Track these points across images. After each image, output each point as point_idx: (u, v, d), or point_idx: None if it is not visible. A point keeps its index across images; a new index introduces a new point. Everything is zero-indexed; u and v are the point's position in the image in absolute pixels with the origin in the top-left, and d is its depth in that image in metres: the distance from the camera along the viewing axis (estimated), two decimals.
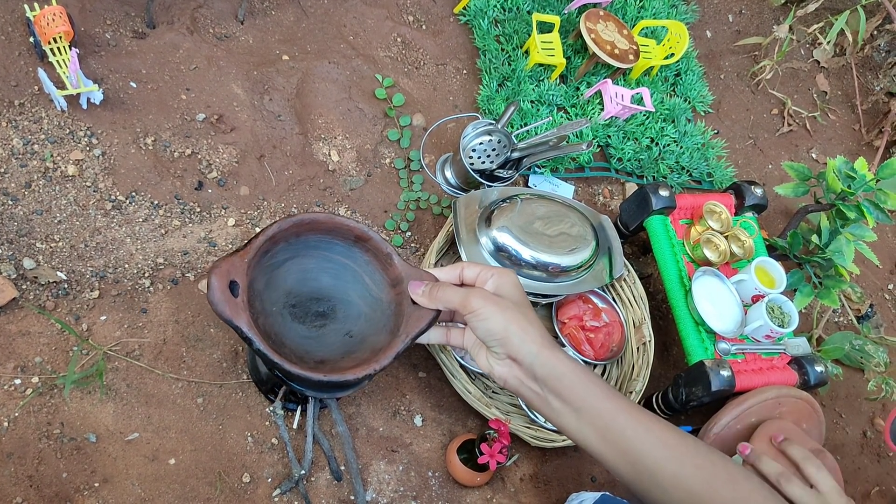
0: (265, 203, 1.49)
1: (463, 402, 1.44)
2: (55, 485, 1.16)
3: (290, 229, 1.04)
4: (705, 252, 1.55)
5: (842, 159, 1.68)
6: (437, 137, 1.70)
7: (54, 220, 1.32)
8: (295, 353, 1.03)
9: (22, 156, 1.33)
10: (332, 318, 1.11)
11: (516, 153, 1.61)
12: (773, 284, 1.56)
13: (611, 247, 1.57)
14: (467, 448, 1.37)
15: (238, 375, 1.33)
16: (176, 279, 1.36)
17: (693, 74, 2.03)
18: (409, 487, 1.37)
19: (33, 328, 1.24)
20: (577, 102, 1.84)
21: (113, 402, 1.24)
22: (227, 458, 1.27)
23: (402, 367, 1.46)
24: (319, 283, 1.12)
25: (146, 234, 1.37)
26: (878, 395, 1.72)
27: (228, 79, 1.56)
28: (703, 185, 1.91)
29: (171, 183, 1.43)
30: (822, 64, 2.37)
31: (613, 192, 1.84)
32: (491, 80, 1.77)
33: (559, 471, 1.49)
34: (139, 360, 1.28)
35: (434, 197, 1.63)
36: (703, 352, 1.47)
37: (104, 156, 1.39)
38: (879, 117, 2.29)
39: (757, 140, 2.12)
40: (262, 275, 1.04)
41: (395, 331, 1.03)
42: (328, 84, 1.64)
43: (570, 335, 1.57)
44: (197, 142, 1.48)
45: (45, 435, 1.18)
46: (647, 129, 1.86)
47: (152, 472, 1.22)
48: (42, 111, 1.38)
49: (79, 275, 1.30)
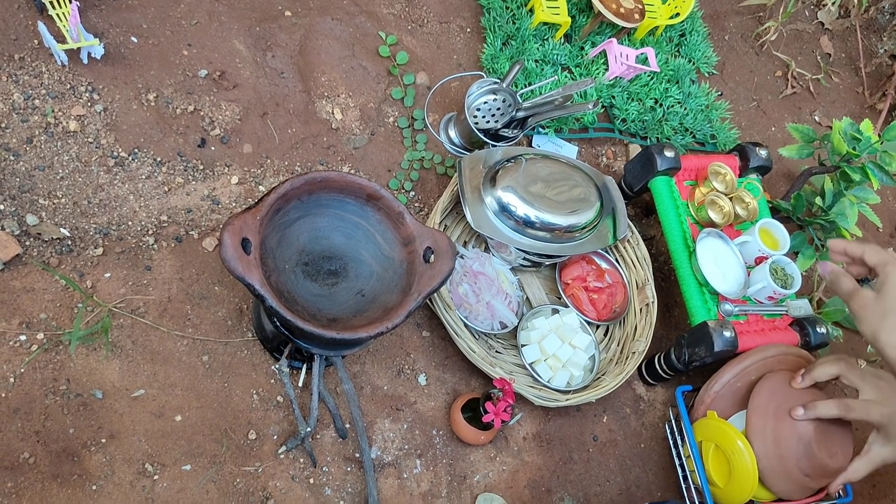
0: (268, 161, 1.47)
1: (467, 362, 1.44)
2: (62, 440, 1.16)
3: (303, 187, 1.04)
4: (710, 213, 1.55)
5: (848, 121, 1.67)
6: (440, 96, 1.69)
7: (56, 177, 1.30)
8: (307, 311, 1.02)
9: (23, 111, 1.31)
10: (344, 277, 1.11)
11: (521, 112, 1.59)
12: (777, 246, 1.56)
13: (615, 208, 1.56)
14: (471, 407, 1.38)
15: (243, 333, 1.33)
16: (180, 237, 1.35)
17: (698, 35, 2.01)
18: (413, 445, 1.38)
19: (37, 284, 1.23)
20: (582, 62, 1.82)
21: (118, 358, 1.24)
22: (233, 415, 1.27)
23: (407, 326, 1.46)
24: (331, 241, 1.11)
25: (149, 192, 1.36)
26: (877, 357, 1.74)
27: (230, 34, 1.54)
28: (706, 146, 1.91)
29: (173, 140, 1.41)
30: (826, 26, 2.35)
31: (617, 153, 1.83)
32: (495, 38, 1.74)
33: (562, 430, 1.50)
34: (144, 317, 1.28)
35: (438, 156, 1.61)
36: (706, 313, 1.47)
37: (106, 111, 1.37)
38: (883, 80, 2.28)
39: (760, 102, 2.11)
40: (274, 232, 1.03)
41: (407, 289, 1.03)
42: (331, 41, 1.62)
43: (574, 296, 1.57)
44: (199, 98, 1.46)
45: (51, 391, 1.18)
46: (652, 89, 1.85)
47: (159, 428, 1.22)
48: (42, 66, 1.35)
49: (82, 231, 1.29)
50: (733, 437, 1.36)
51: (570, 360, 1.47)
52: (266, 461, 1.26)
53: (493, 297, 1.48)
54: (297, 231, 1.08)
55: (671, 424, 1.52)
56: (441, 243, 1.11)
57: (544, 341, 1.47)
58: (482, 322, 1.47)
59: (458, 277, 1.48)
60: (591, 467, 1.50)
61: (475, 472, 1.40)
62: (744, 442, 1.35)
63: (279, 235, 1.05)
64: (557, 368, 1.46)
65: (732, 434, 1.36)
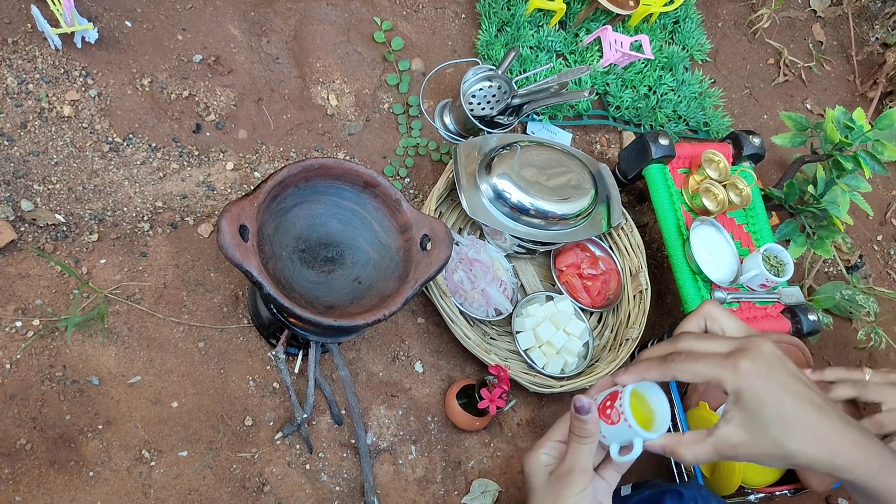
0: (264, 147, 1.47)
1: (462, 348, 1.45)
2: (58, 426, 1.16)
3: (300, 174, 1.03)
4: (704, 201, 1.56)
5: (841, 109, 1.68)
6: (435, 83, 1.68)
7: (51, 162, 1.30)
8: (304, 298, 1.03)
9: (16, 95, 1.31)
10: (341, 264, 1.11)
11: (517, 100, 1.60)
12: (650, 423, 0.84)
13: (609, 195, 1.57)
14: (466, 393, 1.39)
15: (239, 320, 1.33)
16: (175, 223, 1.35)
17: (691, 22, 2.01)
18: (408, 432, 1.38)
19: (33, 271, 1.23)
20: (577, 49, 1.82)
21: (114, 345, 1.24)
22: (230, 401, 1.28)
23: (402, 312, 1.47)
24: (328, 228, 1.11)
25: (144, 177, 1.35)
26: (867, 343, 1.76)
27: (225, 19, 1.53)
28: (699, 134, 1.91)
29: (168, 125, 1.40)
30: (818, 13, 2.35)
31: (611, 141, 1.83)
32: (490, 24, 1.74)
33: (556, 416, 1.51)
34: (140, 303, 1.27)
35: (433, 143, 1.61)
36: (699, 300, 1.48)
37: (100, 96, 1.36)
38: (874, 68, 2.29)
39: (753, 90, 2.12)
40: (271, 219, 1.03)
41: (404, 277, 1.03)
42: (326, 26, 1.61)
43: (568, 283, 1.58)
44: (194, 84, 1.45)
45: (47, 377, 1.18)
46: (646, 77, 1.85)
47: (155, 414, 1.22)
48: (36, 49, 1.34)
49: (77, 217, 1.28)
50: None
51: (564, 347, 1.48)
52: (262, 447, 1.27)
53: (488, 284, 1.48)
54: (294, 218, 1.08)
55: None
56: (438, 231, 1.11)
57: (539, 328, 1.47)
58: (477, 309, 1.48)
59: (453, 264, 1.48)
60: None
61: (470, 458, 1.41)
62: None
63: (276, 222, 1.05)
64: (552, 355, 1.47)
65: None
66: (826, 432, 0.71)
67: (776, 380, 0.71)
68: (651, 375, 0.77)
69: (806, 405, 0.71)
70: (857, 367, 1.20)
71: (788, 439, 0.71)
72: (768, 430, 0.71)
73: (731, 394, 0.72)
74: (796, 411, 0.71)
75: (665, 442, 0.76)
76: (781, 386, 0.71)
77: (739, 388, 0.71)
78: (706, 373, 0.73)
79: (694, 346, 0.77)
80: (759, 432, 0.71)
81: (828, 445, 0.71)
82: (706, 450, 0.74)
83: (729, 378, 0.71)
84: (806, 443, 0.71)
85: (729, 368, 0.71)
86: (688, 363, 0.74)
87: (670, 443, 0.76)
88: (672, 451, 0.76)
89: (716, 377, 0.72)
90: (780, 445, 0.71)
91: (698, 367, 0.73)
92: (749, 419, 0.71)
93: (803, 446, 0.71)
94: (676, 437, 0.76)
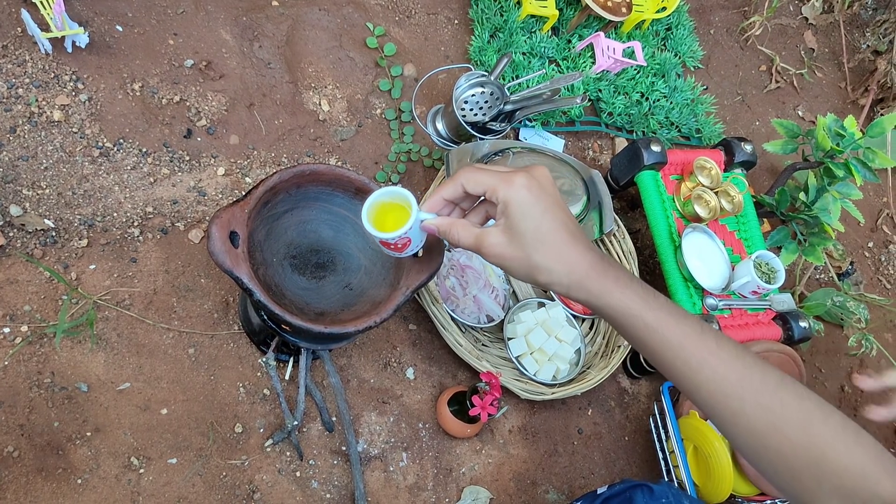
0: (255, 152, 1.46)
1: (453, 355, 1.44)
2: (47, 434, 1.15)
3: (291, 180, 1.03)
4: (696, 208, 1.56)
5: (832, 117, 1.68)
6: (428, 88, 1.68)
7: (40, 167, 1.29)
8: (295, 305, 1.02)
9: (6, 100, 1.30)
10: (332, 270, 1.10)
11: (509, 106, 1.59)
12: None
13: (601, 201, 1.57)
14: (458, 400, 1.38)
15: (229, 326, 1.32)
16: (165, 228, 1.34)
17: (684, 29, 2.01)
18: (399, 438, 1.38)
19: (21, 276, 1.22)
20: (569, 55, 1.82)
21: (104, 351, 1.23)
22: (220, 408, 1.27)
23: (393, 319, 1.46)
24: (319, 234, 1.11)
25: (134, 183, 1.35)
26: (858, 350, 1.76)
27: (217, 24, 1.52)
28: (691, 140, 1.91)
29: (159, 130, 1.40)
30: (810, 21, 2.36)
31: (603, 147, 1.83)
32: (483, 30, 1.74)
33: (547, 423, 1.50)
34: (129, 309, 1.27)
35: (425, 149, 1.61)
36: (690, 307, 1.48)
37: (90, 101, 1.36)
38: (865, 75, 2.30)
39: (745, 96, 2.12)
40: (262, 226, 1.02)
41: (395, 284, 1.02)
42: (318, 31, 1.61)
43: None
44: (185, 88, 1.45)
45: (35, 384, 1.17)
46: (638, 83, 1.85)
47: (144, 421, 1.21)
48: (26, 54, 1.33)
49: (67, 223, 1.28)
50: (711, 439, 1.37)
51: (555, 354, 1.47)
52: (252, 454, 1.26)
53: (479, 291, 1.48)
54: (285, 224, 1.08)
55: (656, 419, 1.53)
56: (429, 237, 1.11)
57: (530, 335, 1.47)
58: (469, 315, 1.47)
59: (445, 271, 1.48)
60: (576, 460, 1.51)
61: (461, 465, 1.41)
62: (720, 444, 1.36)
63: (267, 228, 1.05)
64: (543, 362, 1.47)
65: (710, 436, 1.37)
66: (568, 252, 0.78)
67: (542, 200, 0.79)
68: (446, 193, 0.85)
69: (559, 227, 0.79)
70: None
71: (537, 251, 0.78)
72: (523, 239, 0.79)
73: (501, 203, 0.79)
74: (550, 229, 0.78)
75: (440, 222, 0.86)
76: (543, 206, 0.78)
77: (508, 199, 0.78)
78: (486, 181, 0.80)
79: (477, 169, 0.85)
80: (514, 239, 0.79)
81: (567, 263, 0.78)
82: (469, 239, 0.83)
83: (502, 188, 0.79)
84: (550, 258, 0.78)
85: (505, 180, 0.79)
86: (472, 173, 0.82)
87: (444, 223, 0.86)
88: (444, 232, 0.86)
89: (492, 186, 0.80)
90: (528, 256, 0.79)
91: (480, 176, 0.81)
92: (509, 227, 0.79)
93: (546, 260, 0.78)
94: (450, 221, 0.86)
